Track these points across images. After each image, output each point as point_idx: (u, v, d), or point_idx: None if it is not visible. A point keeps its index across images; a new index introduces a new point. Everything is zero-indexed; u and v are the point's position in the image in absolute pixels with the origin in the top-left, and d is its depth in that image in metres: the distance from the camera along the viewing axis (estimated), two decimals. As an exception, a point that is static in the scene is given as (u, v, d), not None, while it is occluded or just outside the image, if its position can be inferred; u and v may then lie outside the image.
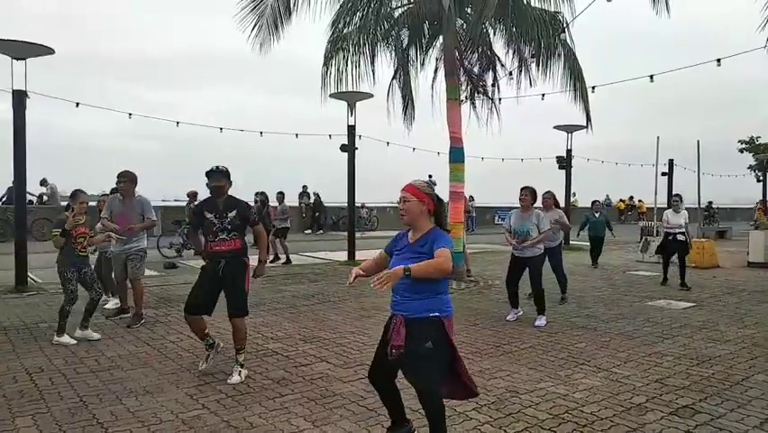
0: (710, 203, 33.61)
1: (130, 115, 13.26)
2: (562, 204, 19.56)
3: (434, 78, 11.68)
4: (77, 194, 5.99)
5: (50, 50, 9.49)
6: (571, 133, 18.00)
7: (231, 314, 4.87)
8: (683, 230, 10.29)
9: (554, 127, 18.07)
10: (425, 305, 3.10)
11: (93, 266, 6.63)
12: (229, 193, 4.99)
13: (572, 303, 8.52)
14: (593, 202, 14.74)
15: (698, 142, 17.07)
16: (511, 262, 7.39)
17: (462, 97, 11.04)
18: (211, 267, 4.89)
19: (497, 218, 30.19)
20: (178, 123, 14.38)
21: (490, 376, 4.97)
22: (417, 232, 3.23)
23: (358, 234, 22.78)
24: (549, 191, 8.54)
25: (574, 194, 34.37)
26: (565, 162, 18.52)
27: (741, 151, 39.44)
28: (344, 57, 10.17)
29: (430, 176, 27.51)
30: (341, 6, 11.00)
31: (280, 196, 14.45)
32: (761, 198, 31.44)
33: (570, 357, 5.57)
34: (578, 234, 14.55)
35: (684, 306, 8.46)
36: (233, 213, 4.88)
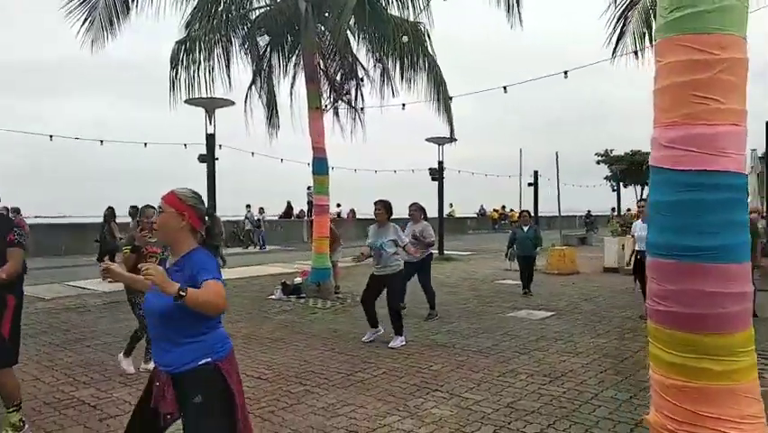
0: (589, 211, 36.08)
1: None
2: (435, 214, 19.95)
3: (293, 85, 11.10)
4: (144, 210, 5.60)
5: None
6: (442, 145, 18.21)
7: None
8: None
9: (426, 140, 18.19)
10: (192, 352, 2.43)
11: None
12: None
13: (437, 319, 8.25)
14: (521, 213, 11.68)
15: (556, 153, 18.05)
16: (369, 279, 6.95)
17: (325, 106, 10.56)
18: None
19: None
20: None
21: (332, 413, 4.41)
22: (176, 253, 2.55)
23: (250, 250, 21.80)
24: (415, 203, 8.26)
25: (451, 205, 35.51)
26: (437, 174, 18.71)
27: (598, 162, 42.83)
28: (194, 60, 9.27)
29: (309, 187, 26.90)
30: (195, 7, 10.12)
31: (133, 210, 13.08)
32: (614, 206, 34.34)
33: (423, 382, 5.17)
34: (506, 255, 11.73)
35: (544, 315, 8.51)
36: None
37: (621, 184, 37.42)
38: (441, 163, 18.71)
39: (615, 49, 9.48)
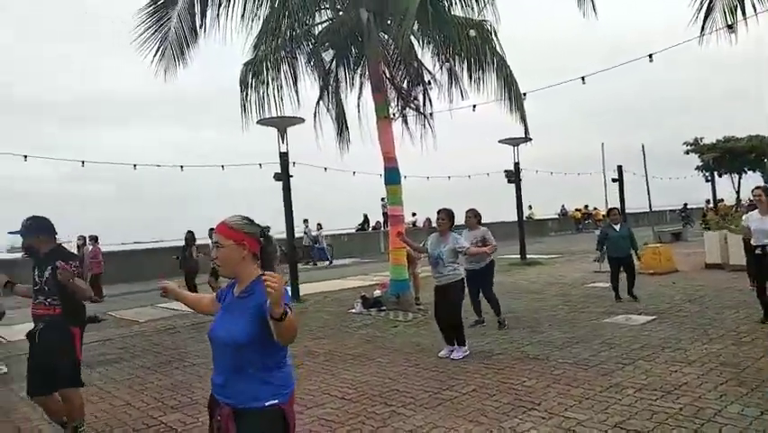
0: (686, 204, 33.84)
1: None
2: (514, 218, 19.26)
3: (360, 96, 10.99)
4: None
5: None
6: (517, 145, 17.58)
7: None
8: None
9: (499, 141, 17.62)
10: (259, 388, 2.22)
11: None
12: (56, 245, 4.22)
13: (526, 328, 7.77)
14: (610, 211, 10.29)
15: (642, 146, 16.87)
16: (434, 294, 6.64)
17: (393, 114, 10.38)
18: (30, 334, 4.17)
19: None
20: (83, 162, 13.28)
21: (421, 438, 4.11)
22: (242, 282, 2.37)
23: (309, 267, 21.92)
24: (471, 209, 7.88)
25: (530, 207, 34.37)
26: (514, 176, 18.06)
27: (687, 152, 40.14)
28: (262, 80, 9.36)
29: (383, 199, 26.85)
30: (261, 29, 10.26)
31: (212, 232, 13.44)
32: (709, 198, 31.91)
33: (517, 400, 4.77)
34: (598, 260, 10.57)
35: (644, 320, 7.81)
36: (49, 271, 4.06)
37: (715, 174, 34.76)
38: (517, 164, 18.06)
39: (703, 26, 8.64)
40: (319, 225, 24.05)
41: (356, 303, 9.89)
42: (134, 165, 14.35)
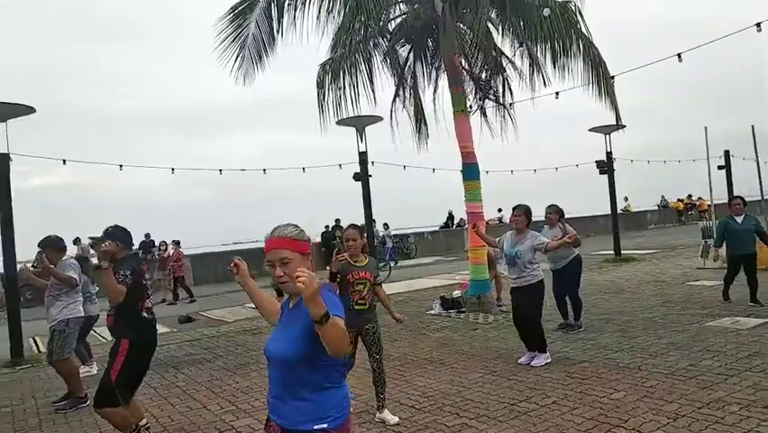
0: None
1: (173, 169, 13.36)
2: (608, 211, 18.14)
3: (435, 90, 10.69)
4: (348, 230, 4.85)
5: (30, 110, 9.10)
6: (609, 134, 16.49)
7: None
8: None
9: (590, 130, 16.62)
10: (309, 410, 2.06)
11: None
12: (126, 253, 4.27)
13: (617, 332, 7.20)
14: (732, 200, 8.58)
15: (752, 127, 15.27)
16: (511, 296, 6.29)
17: (471, 107, 10.02)
18: None
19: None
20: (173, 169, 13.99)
21: (492, 454, 3.83)
22: (297, 293, 2.11)
23: (391, 264, 21.88)
24: (552, 205, 7.38)
25: (626, 199, 32.40)
26: (606, 166, 16.98)
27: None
28: (335, 81, 9.34)
29: (500, 210, 26.22)
30: (339, 27, 10.27)
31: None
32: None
33: (602, 416, 4.35)
34: (714, 256, 9.46)
35: (754, 323, 7.00)
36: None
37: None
38: (609, 154, 16.94)
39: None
40: (386, 224, 23.91)
41: (435, 304, 9.65)
42: (220, 170, 14.87)
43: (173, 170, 13.26)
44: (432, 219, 27.68)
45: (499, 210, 26.36)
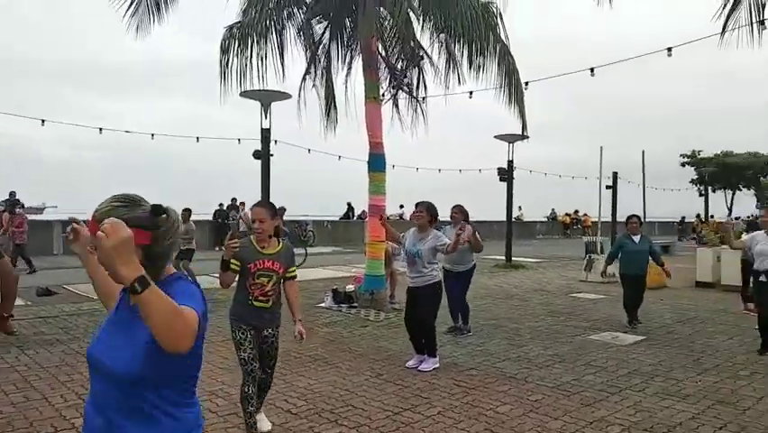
0: (683, 218, 33.41)
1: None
2: (503, 218, 18.65)
3: (348, 74, 10.25)
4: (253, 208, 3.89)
5: None
6: (512, 143, 16.89)
7: None
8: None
9: (495, 137, 16.94)
10: None
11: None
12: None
13: (505, 339, 7.16)
14: (629, 219, 8.33)
15: (642, 152, 16.44)
16: (407, 294, 6.04)
17: (382, 95, 9.68)
18: None
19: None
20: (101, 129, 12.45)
21: (370, 472, 3.46)
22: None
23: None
24: (457, 205, 7.23)
25: (519, 208, 33.82)
26: (507, 174, 17.40)
27: (683, 165, 39.79)
28: (242, 48, 8.61)
29: (401, 206, 26.04)
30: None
31: (186, 214, 12.62)
32: (700, 212, 31.52)
33: (487, 431, 4.13)
34: (603, 273, 8.94)
35: (632, 340, 7.23)
36: None
37: (710, 189, 34.42)
38: (510, 163, 17.37)
39: (725, 24, 7.97)
40: (282, 208, 23.14)
41: (326, 296, 9.22)
42: (100, 129, 13.45)
43: (43, 122, 11.69)
44: (335, 208, 27.21)
45: (401, 207, 26.45)
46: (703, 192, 33.30)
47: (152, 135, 14.30)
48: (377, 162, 9.42)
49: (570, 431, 4.13)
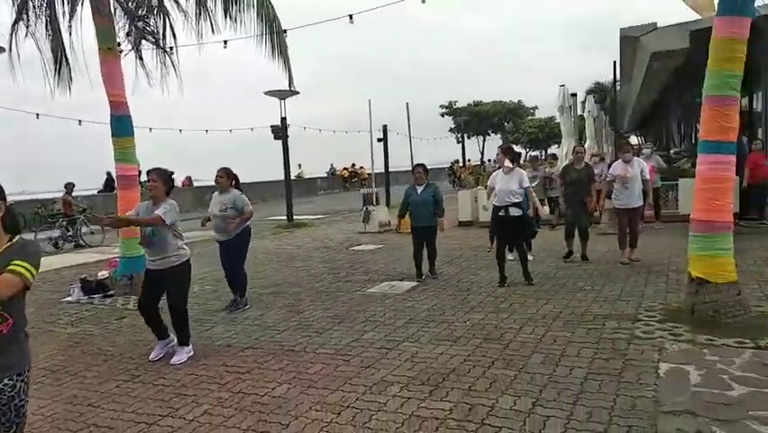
0: (454, 162, 35.94)
1: None
2: (281, 177, 18.18)
3: (72, 16, 8.54)
4: None
5: None
6: (284, 99, 16.33)
7: None
8: (518, 200, 7.18)
9: (265, 93, 16.18)
10: None
11: None
12: None
13: (285, 307, 6.74)
14: (414, 168, 8.03)
15: (407, 104, 17.13)
16: (144, 276, 5.30)
17: (118, 43, 8.27)
18: None
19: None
20: None
21: None
22: None
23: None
24: (222, 168, 6.64)
25: (299, 165, 33.74)
26: (281, 132, 16.84)
27: (442, 115, 43.53)
28: None
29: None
30: None
31: None
32: (457, 158, 34.89)
33: (261, 422, 3.65)
34: (398, 227, 8.87)
35: (408, 287, 7.41)
36: None
37: (465, 135, 38.27)
38: (284, 120, 16.81)
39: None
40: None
41: (73, 288, 7.75)
42: None
43: None
44: (88, 180, 23.67)
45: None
46: (460, 139, 36.88)
47: None
48: (121, 125, 8.05)
49: (349, 402, 3.86)
